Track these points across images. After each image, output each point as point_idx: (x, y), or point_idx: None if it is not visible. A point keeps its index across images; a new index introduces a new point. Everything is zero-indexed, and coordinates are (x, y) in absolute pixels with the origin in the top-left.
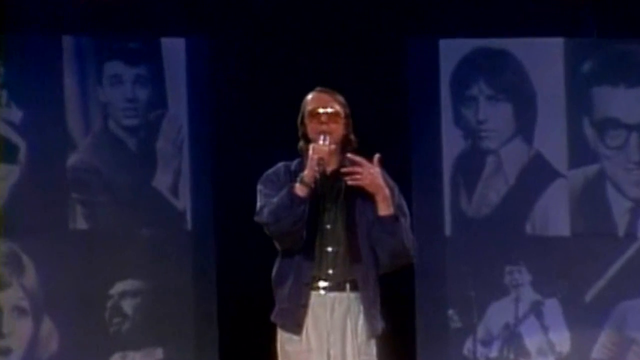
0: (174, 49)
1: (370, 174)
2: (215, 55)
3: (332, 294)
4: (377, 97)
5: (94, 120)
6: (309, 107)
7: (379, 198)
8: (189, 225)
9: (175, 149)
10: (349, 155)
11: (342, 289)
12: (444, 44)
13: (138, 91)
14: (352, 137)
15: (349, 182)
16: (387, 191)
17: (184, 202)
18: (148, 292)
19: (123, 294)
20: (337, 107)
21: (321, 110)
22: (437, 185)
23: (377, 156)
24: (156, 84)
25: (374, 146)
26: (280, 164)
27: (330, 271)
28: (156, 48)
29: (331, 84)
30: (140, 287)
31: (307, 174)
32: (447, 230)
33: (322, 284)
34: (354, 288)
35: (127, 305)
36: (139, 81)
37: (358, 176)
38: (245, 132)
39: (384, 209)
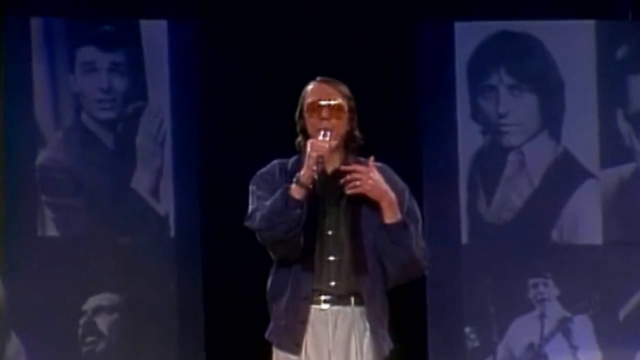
0: (154, 33)
1: (370, 179)
2: (201, 40)
3: (335, 309)
4: (384, 88)
5: (65, 113)
6: (308, 100)
7: (383, 204)
8: (172, 232)
9: (157, 146)
10: (342, 167)
11: (346, 303)
12: (460, 28)
13: (114, 80)
14: (356, 133)
15: (348, 191)
16: (392, 196)
17: (166, 205)
18: (125, 307)
19: (98, 310)
20: (340, 100)
21: (322, 103)
22: (451, 187)
23: (371, 159)
24: (135, 73)
25: (381, 143)
26: (276, 162)
27: (333, 283)
28: (135, 31)
29: (333, 74)
30: (117, 302)
31: (304, 173)
32: (464, 238)
33: (323, 297)
34: (359, 302)
35: (102, 323)
36: (115, 69)
37: (357, 182)
38: (236, 127)
39: (390, 216)
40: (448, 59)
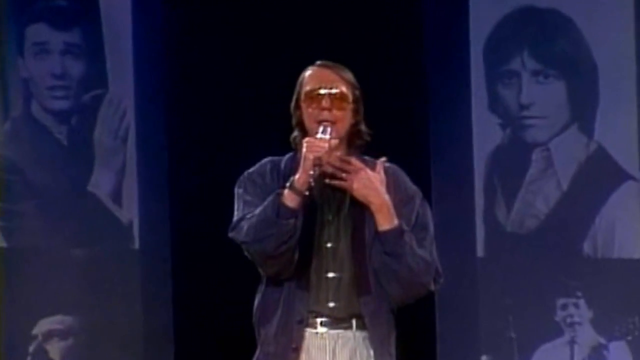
0: (116, 10)
1: (359, 176)
2: (171, 19)
3: (333, 333)
4: (387, 74)
5: (12, 103)
6: (306, 87)
7: (372, 208)
8: (136, 243)
9: (118, 142)
10: (339, 157)
11: (347, 327)
12: (475, 3)
13: (69, 64)
14: (362, 127)
15: (327, 181)
16: (383, 198)
17: (129, 212)
18: (82, 331)
19: (49, 334)
20: (344, 88)
21: (322, 92)
22: (465, 191)
23: (381, 160)
24: (93, 56)
25: (382, 139)
26: (266, 160)
27: (331, 304)
28: (93, 8)
29: (329, 58)
30: (72, 326)
31: (298, 177)
32: (479, 250)
33: (320, 320)
34: (362, 326)
35: (55, 350)
36: (70, 51)
37: (344, 175)
38: (212, 120)
39: (383, 223)
40: (461, 40)
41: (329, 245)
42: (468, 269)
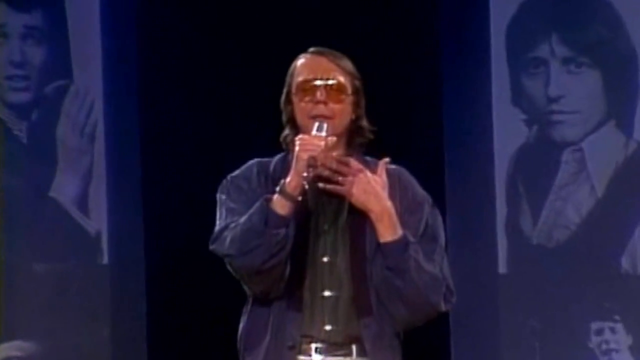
0: None
1: (361, 181)
2: (144, 1)
3: None
4: (395, 63)
5: None
6: (298, 78)
7: (372, 216)
8: (105, 258)
9: (85, 141)
10: (335, 158)
11: (345, 353)
12: None
13: (30, 51)
14: (363, 123)
15: (321, 185)
16: (385, 206)
17: (97, 222)
18: (44, 358)
19: None
20: (341, 78)
21: (317, 83)
22: (485, 198)
23: (384, 161)
24: (56, 41)
25: (391, 136)
26: (253, 162)
27: (328, 327)
28: None
29: (329, 45)
30: (33, 352)
31: (290, 180)
32: (501, 266)
33: (314, 345)
34: (362, 352)
35: None
36: (31, 35)
37: (340, 178)
38: (195, 117)
39: (384, 233)
40: (480, 23)
41: (324, 259)
42: (488, 287)
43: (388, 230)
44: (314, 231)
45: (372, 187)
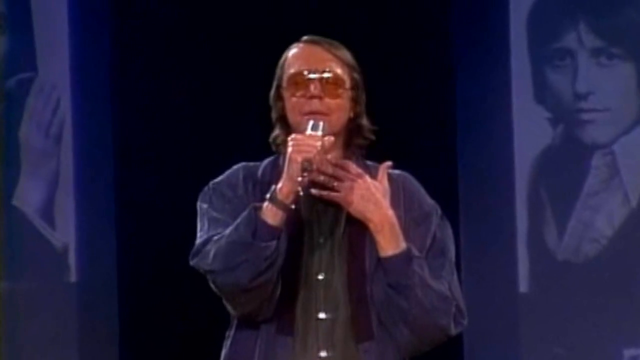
0: None
1: (360, 187)
2: None
3: None
4: (401, 54)
5: None
6: (290, 70)
7: (371, 227)
8: (72, 275)
9: (50, 142)
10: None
11: None
12: None
13: None
14: (363, 122)
15: (314, 192)
16: (387, 214)
17: (64, 234)
18: None
19: None
20: (339, 70)
21: (311, 76)
22: (503, 207)
23: (386, 164)
24: (19, 30)
25: (396, 137)
26: (239, 167)
27: (323, 353)
28: None
29: (326, 33)
30: None
31: (282, 186)
32: (522, 284)
33: None
34: None
35: None
36: None
37: (335, 184)
38: (174, 116)
39: (385, 246)
40: (498, 10)
41: (319, 276)
42: (507, 308)
43: (389, 243)
44: (307, 244)
45: (371, 194)
